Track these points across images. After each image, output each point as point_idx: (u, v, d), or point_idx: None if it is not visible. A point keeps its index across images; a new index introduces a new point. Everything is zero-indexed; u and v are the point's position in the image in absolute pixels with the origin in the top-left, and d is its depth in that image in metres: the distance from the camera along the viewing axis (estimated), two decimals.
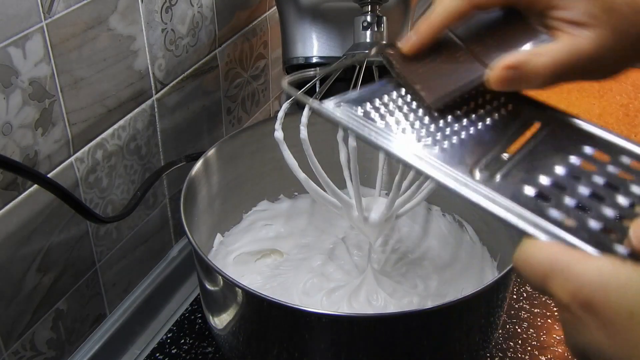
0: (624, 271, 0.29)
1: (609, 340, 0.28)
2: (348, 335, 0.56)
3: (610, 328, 0.28)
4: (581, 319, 0.29)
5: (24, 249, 0.59)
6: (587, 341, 0.29)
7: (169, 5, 0.68)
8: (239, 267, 0.72)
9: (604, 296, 0.28)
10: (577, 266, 0.29)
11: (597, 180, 0.35)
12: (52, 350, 0.66)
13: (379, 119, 0.40)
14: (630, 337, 0.28)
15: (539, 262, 0.31)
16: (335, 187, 0.64)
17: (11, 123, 0.54)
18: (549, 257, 0.30)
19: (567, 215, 0.33)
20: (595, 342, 0.29)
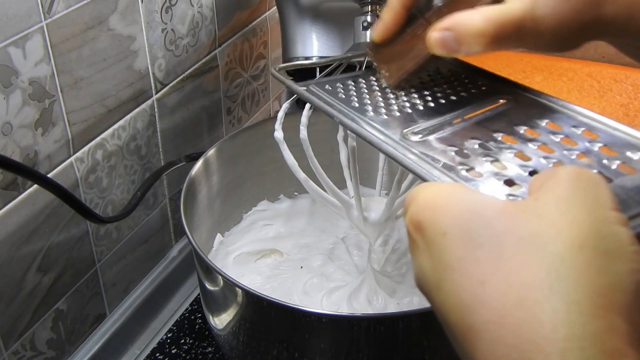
0: (457, 195, 0.28)
1: (428, 262, 0.28)
2: (348, 335, 0.56)
3: (430, 249, 0.27)
4: (415, 243, 0.28)
5: (24, 249, 0.59)
6: (417, 264, 0.29)
7: (169, 5, 0.68)
8: (239, 267, 0.72)
9: (429, 215, 0.28)
10: (420, 191, 0.29)
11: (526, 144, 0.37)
12: (52, 350, 0.66)
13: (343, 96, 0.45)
14: (442, 257, 0.27)
15: (407, 196, 0.30)
16: (335, 187, 0.64)
17: (11, 123, 0.54)
18: (413, 190, 0.30)
19: (471, 170, 0.34)
20: (421, 265, 0.28)
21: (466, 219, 0.27)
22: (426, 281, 0.28)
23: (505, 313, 0.25)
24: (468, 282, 0.26)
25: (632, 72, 0.98)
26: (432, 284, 0.28)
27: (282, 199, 0.79)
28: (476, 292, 0.26)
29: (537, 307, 0.24)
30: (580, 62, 1.02)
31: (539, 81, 1.02)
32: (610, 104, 0.95)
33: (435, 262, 0.27)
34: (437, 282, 0.27)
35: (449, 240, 0.27)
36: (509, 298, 0.25)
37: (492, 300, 0.25)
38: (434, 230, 0.27)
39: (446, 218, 0.27)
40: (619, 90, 0.96)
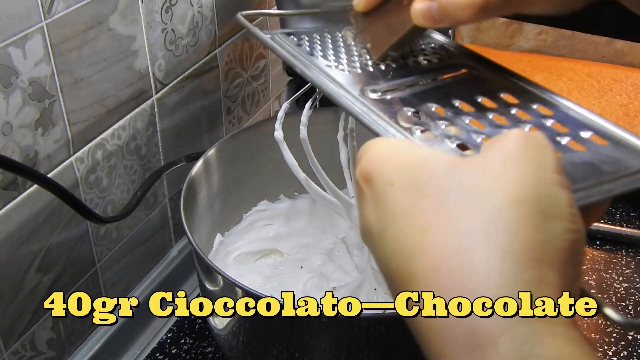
0: (406, 148, 0.29)
1: (374, 212, 0.28)
2: (348, 335, 0.56)
3: (377, 198, 0.28)
4: (363, 194, 0.29)
5: (24, 249, 0.59)
6: (363, 214, 0.29)
7: (169, 5, 0.68)
8: (239, 267, 0.72)
9: (377, 167, 0.28)
10: (372, 144, 0.30)
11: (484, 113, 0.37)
12: (52, 350, 0.66)
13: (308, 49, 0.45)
14: (387, 207, 0.27)
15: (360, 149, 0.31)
16: (335, 187, 0.64)
17: (11, 123, 0.54)
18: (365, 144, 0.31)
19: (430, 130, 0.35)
20: (367, 215, 0.29)
21: (414, 171, 0.27)
22: (370, 231, 0.28)
23: (443, 260, 0.25)
24: (410, 230, 0.26)
25: (632, 72, 0.98)
26: (375, 232, 0.28)
27: (282, 199, 0.79)
28: (417, 240, 0.26)
29: (473, 255, 0.25)
30: (580, 62, 1.02)
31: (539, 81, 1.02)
32: (610, 104, 0.95)
33: (380, 212, 0.27)
34: (380, 230, 0.27)
35: (395, 190, 0.27)
36: (447, 246, 0.25)
37: (432, 248, 0.26)
38: (382, 181, 0.28)
39: (394, 169, 0.28)
40: (619, 90, 0.96)
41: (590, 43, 1.03)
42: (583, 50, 1.03)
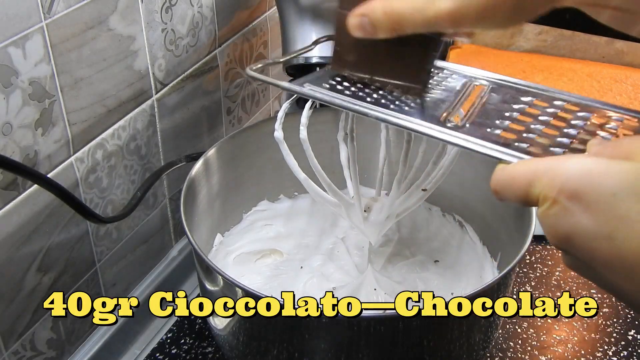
0: (602, 162, 0.32)
1: (593, 220, 0.31)
2: (348, 335, 0.56)
3: (595, 208, 0.31)
4: (567, 208, 0.32)
5: (24, 249, 0.59)
6: (572, 225, 0.32)
7: (169, 5, 0.68)
8: (239, 267, 0.72)
9: (589, 183, 0.32)
10: (561, 165, 0.33)
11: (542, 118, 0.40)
12: (52, 350, 0.66)
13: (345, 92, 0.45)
14: (614, 214, 0.31)
15: (520, 172, 0.34)
16: (335, 187, 0.64)
17: (11, 123, 0.54)
18: (531, 166, 0.34)
19: (533, 145, 0.38)
20: (580, 224, 0.32)
21: (634, 180, 0.31)
22: (588, 236, 0.32)
23: None
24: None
25: (632, 72, 0.98)
26: (600, 236, 0.31)
27: (282, 199, 0.79)
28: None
29: None
30: (580, 62, 1.01)
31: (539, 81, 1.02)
32: None
33: (604, 219, 0.31)
34: (609, 233, 0.31)
35: (620, 199, 0.31)
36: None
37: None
38: (599, 194, 0.31)
39: (611, 182, 0.31)
40: (619, 90, 0.96)
41: (590, 43, 1.03)
42: (583, 50, 1.04)
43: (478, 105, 0.43)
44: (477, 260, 0.72)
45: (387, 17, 0.40)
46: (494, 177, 0.35)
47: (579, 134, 0.38)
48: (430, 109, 0.43)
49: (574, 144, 0.37)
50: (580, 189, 0.32)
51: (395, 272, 0.71)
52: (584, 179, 0.32)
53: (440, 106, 0.43)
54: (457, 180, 0.72)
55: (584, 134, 0.39)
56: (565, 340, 0.73)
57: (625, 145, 0.33)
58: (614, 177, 0.31)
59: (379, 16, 0.40)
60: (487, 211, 0.72)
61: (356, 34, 0.41)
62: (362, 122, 0.65)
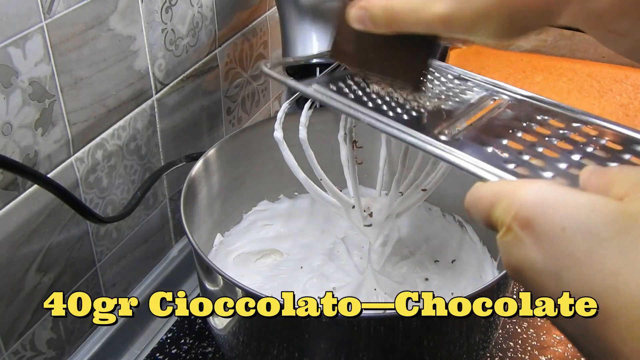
0: (562, 191, 0.30)
1: (541, 254, 0.30)
2: (348, 335, 0.56)
3: (544, 241, 0.30)
4: (519, 238, 0.31)
5: (24, 249, 0.59)
6: (522, 257, 0.31)
7: (169, 5, 0.68)
8: (239, 267, 0.72)
9: (541, 213, 0.30)
10: (520, 189, 0.31)
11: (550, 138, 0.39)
12: (52, 350, 0.66)
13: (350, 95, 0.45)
14: (562, 250, 0.29)
15: (486, 193, 0.33)
16: (334, 187, 0.64)
17: (11, 123, 0.54)
18: (495, 187, 0.33)
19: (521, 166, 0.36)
20: (529, 257, 0.30)
21: (585, 216, 0.29)
22: (535, 271, 0.30)
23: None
24: (598, 273, 0.28)
25: (632, 72, 0.98)
26: (547, 274, 0.30)
27: (282, 199, 0.79)
28: (609, 282, 0.28)
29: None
30: (580, 62, 1.02)
31: (539, 81, 1.02)
32: (610, 104, 0.95)
33: (552, 255, 0.29)
34: (556, 272, 0.29)
35: (569, 234, 0.29)
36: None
37: (628, 289, 0.28)
38: (550, 226, 0.29)
39: (563, 215, 0.29)
40: (619, 90, 0.96)
41: (590, 43, 1.03)
42: (583, 50, 1.04)
43: (485, 119, 0.42)
44: (477, 260, 0.72)
45: (385, 14, 0.40)
46: (468, 194, 0.34)
47: (582, 158, 0.36)
48: (431, 118, 0.43)
49: (570, 169, 0.35)
50: (533, 218, 0.30)
51: (395, 272, 0.71)
52: (538, 208, 0.30)
53: (443, 117, 0.43)
54: (457, 180, 0.72)
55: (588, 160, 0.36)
56: (565, 340, 0.73)
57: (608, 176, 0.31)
58: (568, 210, 0.29)
59: (377, 11, 0.40)
60: None
61: (355, 25, 0.42)
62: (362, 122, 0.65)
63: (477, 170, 0.37)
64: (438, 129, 0.41)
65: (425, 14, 0.38)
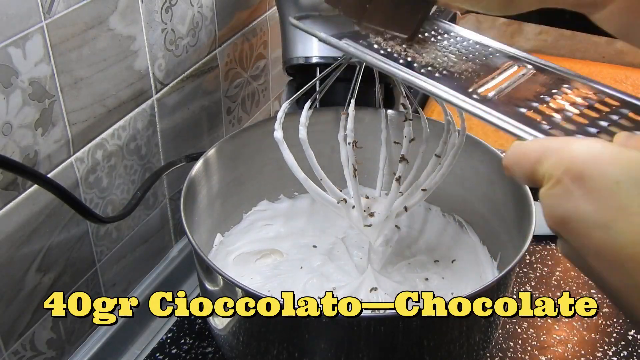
0: (612, 148, 0.32)
1: (592, 206, 0.31)
2: (348, 335, 0.56)
3: (596, 194, 0.31)
4: (569, 190, 0.32)
5: (24, 249, 0.59)
6: (571, 209, 0.32)
7: (169, 5, 0.68)
8: (239, 267, 0.72)
9: (594, 167, 0.31)
10: (571, 145, 0.32)
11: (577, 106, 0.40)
12: (52, 350, 0.66)
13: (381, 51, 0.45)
14: (615, 203, 0.30)
15: (532, 149, 0.34)
16: (334, 187, 0.64)
17: (11, 123, 0.54)
18: (543, 143, 0.34)
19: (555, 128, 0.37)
20: (579, 209, 0.31)
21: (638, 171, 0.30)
22: (585, 222, 0.31)
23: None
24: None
25: (632, 72, 0.98)
26: (597, 224, 0.31)
27: (282, 199, 0.79)
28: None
29: None
30: (580, 62, 1.02)
31: None
32: None
33: (604, 207, 0.31)
34: (606, 222, 0.31)
35: (623, 188, 0.30)
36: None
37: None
38: (603, 179, 0.31)
39: (617, 169, 0.31)
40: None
41: (590, 43, 1.03)
42: (583, 50, 1.04)
43: (514, 83, 0.43)
44: (477, 260, 0.72)
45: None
46: (507, 152, 0.35)
47: (609, 125, 0.37)
48: (461, 79, 0.43)
49: (600, 134, 0.36)
50: (585, 172, 0.31)
51: (395, 272, 0.71)
52: (590, 163, 0.31)
53: (473, 78, 0.43)
54: (457, 180, 0.72)
55: (616, 128, 0.37)
56: (565, 340, 0.73)
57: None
58: (621, 165, 0.31)
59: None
60: (487, 211, 0.72)
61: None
62: (362, 122, 0.66)
63: (516, 129, 0.37)
64: (469, 89, 0.41)
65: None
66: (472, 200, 0.74)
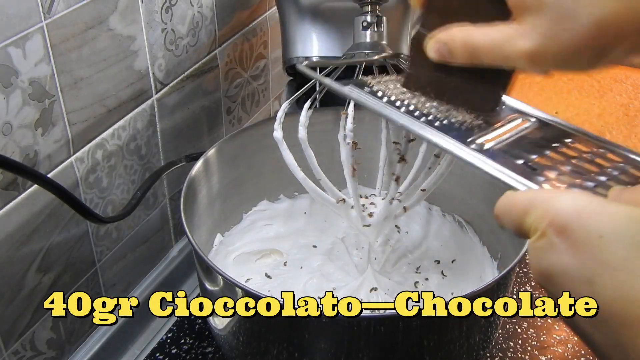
0: (597, 201, 0.31)
1: (575, 260, 0.30)
2: (348, 335, 0.56)
3: (579, 248, 0.30)
4: (553, 244, 0.31)
5: (24, 249, 0.59)
6: (554, 262, 0.31)
7: (169, 5, 0.68)
8: (239, 267, 0.72)
9: (577, 220, 0.30)
10: (558, 197, 0.32)
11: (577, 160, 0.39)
12: (52, 350, 0.66)
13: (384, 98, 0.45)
14: (597, 257, 0.30)
15: (520, 200, 0.33)
16: (333, 187, 0.64)
17: (11, 123, 0.54)
18: (530, 195, 0.33)
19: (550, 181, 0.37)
20: (562, 263, 0.31)
21: (623, 225, 0.30)
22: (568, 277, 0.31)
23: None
24: (634, 280, 0.29)
25: (632, 72, 0.98)
26: (580, 280, 0.30)
27: (282, 199, 0.79)
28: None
29: None
30: None
31: (539, 81, 1.02)
32: (610, 104, 0.95)
33: (587, 261, 0.30)
34: (589, 277, 0.30)
35: (606, 242, 0.30)
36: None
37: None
38: (587, 233, 0.30)
39: (600, 223, 0.30)
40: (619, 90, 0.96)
41: None
42: None
43: (513, 136, 0.42)
44: (477, 260, 0.72)
45: (465, 49, 0.39)
46: (498, 201, 0.35)
47: (608, 180, 0.37)
48: (461, 129, 0.43)
49: (598, 188, 0.36)
50: (569, 226, 0.30)
51: (395, 272, 0.71)
52: (574, 216, 0.31)
53: (473, 129, 0.43)
54: (457, 180, 0.72)
55: (614, 182, 0.37)
56: (565, 340, 0.73)
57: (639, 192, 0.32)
58: (605, 218, 0.30)
59: (457, 46, 0.40)
60: (487, 211, 0.72)
61: (432, 55, 0.41)
62: (362, 122, 0.65)
63: (509, 179, 0.37)
64: (468, 138, 0.41)
65: (509, 50, 0.38)
66: (472, 200, 0.74)
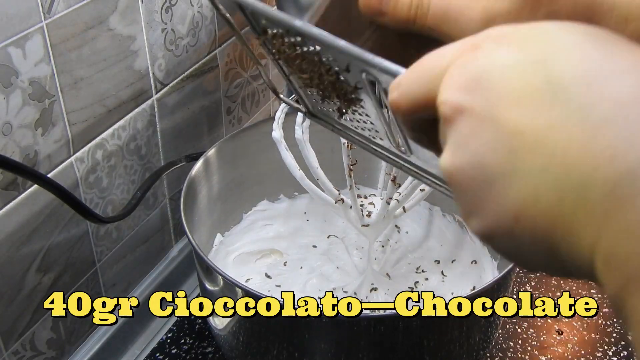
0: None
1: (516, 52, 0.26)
2: (348, 335, 0.56)
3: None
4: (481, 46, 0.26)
5: (24, 249, 0.59)
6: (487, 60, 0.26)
7: (169, 5, 0.68)
8: (239, 267, 0.72)
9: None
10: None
11: None
12: (52, 350, 0.66)
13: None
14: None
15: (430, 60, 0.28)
16: (332, 187, 0.64)
17: (11, 123, 0.54)
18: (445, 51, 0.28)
19: None
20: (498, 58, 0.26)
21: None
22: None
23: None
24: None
25: None
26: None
27: (282, 199, 0.79)
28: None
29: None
30: None
31: None
32: None
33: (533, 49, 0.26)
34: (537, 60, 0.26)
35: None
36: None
37: None
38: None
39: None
40: None
41: None
42: None
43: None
44: (477, 261, 0.72)
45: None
46: (395, 82, 0.29)
47: None
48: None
49: None
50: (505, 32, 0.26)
51: (395, 272, 0.71)
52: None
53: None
54: None
55: None
56: (565, 340, 0.73)
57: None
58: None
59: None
60: None
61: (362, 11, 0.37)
62: None
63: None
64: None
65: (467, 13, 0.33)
66: None
